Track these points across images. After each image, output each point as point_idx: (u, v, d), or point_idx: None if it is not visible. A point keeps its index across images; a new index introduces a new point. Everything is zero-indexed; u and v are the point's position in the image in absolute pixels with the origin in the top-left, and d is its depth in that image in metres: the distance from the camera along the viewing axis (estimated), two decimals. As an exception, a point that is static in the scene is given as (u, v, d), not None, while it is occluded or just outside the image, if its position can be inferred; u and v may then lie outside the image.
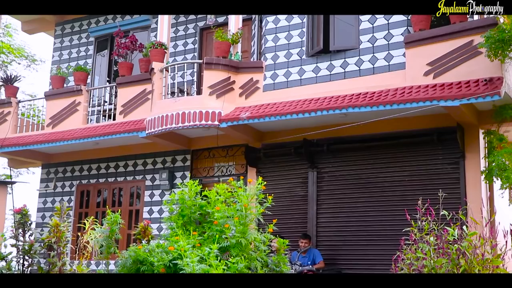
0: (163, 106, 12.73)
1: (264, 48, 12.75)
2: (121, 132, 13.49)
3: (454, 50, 10.47)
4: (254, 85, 12.56)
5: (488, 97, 9.51)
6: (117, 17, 16.31)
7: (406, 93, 10.48)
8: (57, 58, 17.21)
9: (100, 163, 15.35)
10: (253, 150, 12.87)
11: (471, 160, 10.78)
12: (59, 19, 17.26)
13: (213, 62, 12.46)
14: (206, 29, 14.80)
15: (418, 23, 10.90)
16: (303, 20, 12.38)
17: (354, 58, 11.66)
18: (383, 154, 11.61)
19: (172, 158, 14.31)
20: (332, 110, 10.93)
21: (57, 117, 15.15)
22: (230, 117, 12.01)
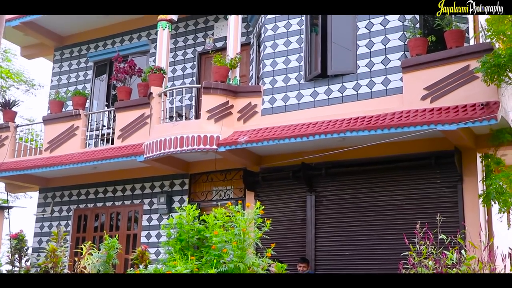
0: (161, 130, 12.76)
1: (262, 72, 12.82)
2: (119, 156, 13.49)
3: (451, 74, 10.55)
4: (252, 109, 12.60)
5: (485, 121, 9.57)
6: (116, 42, 16.42)
7: (403, 117, 10.53)
8: (56, 82, 17.28)
9: (98, 187, 15.32)
10: (251, 174, 12.88)
11: (469, 183, 10.79)
12: (58, 44, 17.37)
13: (211, 86, 12.52)
14: (205, 53, 14.91)
15: (415, 48, 10.99)
16: (301, 45, 12.47)
17: (352, 82, 11.73)
18: (381, 177, 11.62)
19: (170, 182, 14.30)
20: (330, 134, 10.97)
21: (55, 142, 15.16)
22: (228, 141, 12.04)
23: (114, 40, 16.54)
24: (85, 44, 17.06)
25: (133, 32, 16.23)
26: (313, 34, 12.50)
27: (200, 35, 15.11)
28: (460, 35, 10.85)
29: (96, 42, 16.86)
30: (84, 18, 16.17)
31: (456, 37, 10.80)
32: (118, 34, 16.45)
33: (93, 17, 16.10)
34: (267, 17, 12.97)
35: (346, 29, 11.98)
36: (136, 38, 16.16)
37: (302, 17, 12.57)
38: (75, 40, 17.23)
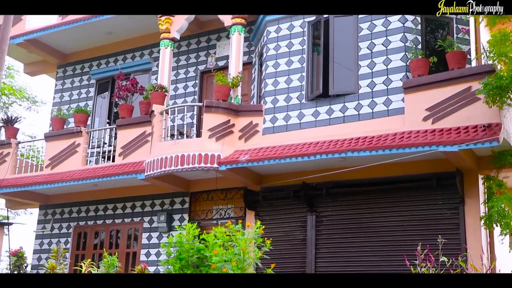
0: (162, 148, 12.75)
1: (264, 91, 12.84)
2: (120, 174, 13.48)
3: (452, 96, 10.55)
4: (254, 128, 12.60)
5: (487, 143, 9.55)
6: (119, 60, 16.48)
7: (405, 138, 10.51)
8: (58, 99, 17.32)
9: (98, 205, 15.29)
10: (252, 193, 12.84)
11: (470, 205, 10.74)
12: (61, 61, 17.45)
13: (213, 105, 12.53)
14: (207, 72, 14.95)
15: (416, 69, 11.01)
16: (303, 64, 12.50)
17: (353, 102, 11.73)
18: (382, 198, 11.58)
19: (170, 200, 14.26)
20: (331, 154, 10.95)
21: (56, 158, 15.15)
22: (229, 160, 12.02)
23: (116, 58, 16.59)
24: (87, 61, 17.13)
25: (136, 50, 16.30)
26: (315, 54, 12.54)
27: (202, 53, 15.16)
28: (462, 56, 10.88)
29: (98, 60, 16.93)
30: (87, 36, 16.26)
31: (458, 59, 10.83)
32: (121, 52, 16.51)
33: (96, 35, 16.19)
34: (269, 36, 13.02)
35: (348, 49, 12.02)
36: (138, 56, 16.22)
37: (304, 37, 12.62)
38: (78, 57, 17.31)
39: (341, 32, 12.13)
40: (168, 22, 14.13)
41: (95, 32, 16.04)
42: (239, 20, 13.24)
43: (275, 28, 13.02)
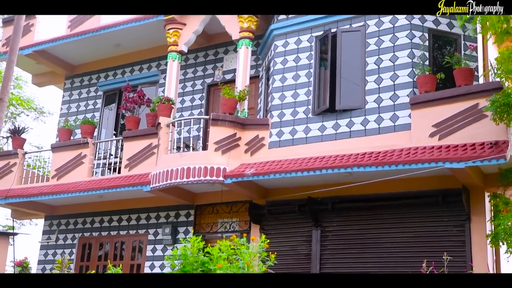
0: (168, 160, 12.76)
1: (271, 105, 12.85)
2: (125, 186, 13.48)
3: (459, 112, 10.53)
4: (260, 142, 12.60)
5: (494, 160, 9.51)
6: (126, 72, 16.54)
7: (411, 153, 10.49)
8: (65, 111, 17.39)
9: (103, 216, 15.29)
10: (257, 207, 12.82)
11: (476, 223, 10.68)
12: (69, 73, 17.53)
13: (219, 118, 12.54)
14: (214, 85, 14.98)
15: (423, 85, 11.00)
16: (310, 79, 12.51)
17: (360, 117, 11.73)
18: (388, 214, 11.53)
19: (175, 213, 14.25)
20: (337, 168, 10.93)
21: (63, 169, 15.18)
22: (235, 173, 12.01)
23: (124, 70, 16.66)
24: (95, 73, 17.20)
25: (143, 62, 16.36)
26: (322, 69, 12.55)
27: (209, 66, 15.21)
28: (469, 73, 10.87)
29: (106, 72, 17.00)
30: (95, 48, 16.35)
31: (465, 75, 10.82)
32: (128, 64, 16.58)
33: (104, 47, 16.28)
34: (276, 50, 13.05)
35: (355, 64, 12.03)
36: (146, 68, 16.28)
37: (311, 52, 12.64)
38: (86, 69, 17.38)
39: (349, 47, 12.15)
40: (176, 35, 14.20)
41: (103, 44, 16.12)
42: (247, 34, 13.30)
43: (283, 42, 13.05)
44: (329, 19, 12.51)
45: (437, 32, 11.83)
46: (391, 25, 11.87)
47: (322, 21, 12.59)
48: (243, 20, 13.30)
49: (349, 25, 12.32)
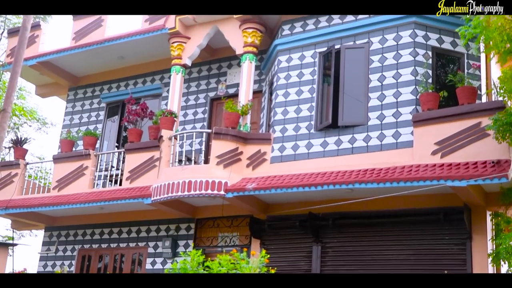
0: (170, 173, 12.76)
1: (273, 120, 12.86)
2: (126, 198, 13.47)
3: (462, 130, 10.53)
4: (262, 156, 12.60)
5: (496, 179, 9.50)
6: (130, 84, 16.59)
7: (413, 171, 10.48)
8: (68, 122, 17.42)
9: (103, 228, 15.26)
10: (257, 221, 12.79)
11: (478, 242, 10.65)
12: (73, 84, 17.59)
13: (222, 132, 12.55)
14: (217, 99, 15.01)
15: (426, 103, 11.01)
16: (313, 94, 12.53)
17: (362, 134, 11.73)
18: (389, 231, 11.50)
19: (176, 226, 14.22)
20: (338, 184, 10.91)
21: (64, 181, 15.17)
22: (236, 187, 12.00)
23: (127, 82, 16.71)
24: (98, 85, 17.25)
25: (147, 75, 16.41)
26: (325, 85, 12.58)
27: (213, 80, 15.25)
28: (472, 92, 10.89)
29: (109, 84, 17.05)
30: (99, 60, 16.42)
31: (468, 94, 10.83)
32: (132, 77, 16.64)
33: (108, 59, 16.34)
34: (280, 65, 13.09)
35: (358, 81, 12.05)
36: (149, 81, 16.33)
37: (315, 67, 12.68)
38: (89, 81, 17.44)
39: (352, 63, 12.18)
40: (180, 48, 14.26)
41: (107, 56, 16.19)
42: (251, 48, 13.35)
43: (286, 58, 13.09)
44: (333, 36, 12.56)
45: (440, 50, 11.86)
46: (395, 43, 11.90)
47: (326, 37, 12.64)
48: (247, 34, 13.36)
49: (352, 42, 12.36)
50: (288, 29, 13.26)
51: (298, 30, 13.12)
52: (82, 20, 16.56)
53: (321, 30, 12.78)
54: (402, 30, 11.89)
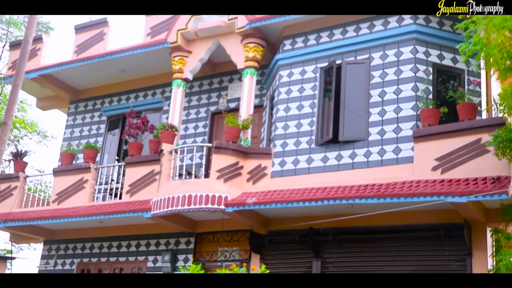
0: (170, 187, 12.75)
1: (274, 135, 12.88)
2: (126, 212, 13.45)
3: (462, 147, 10.55)
4: (262, 171, 12.60)
5: (496, 196, 9.50)
6: (131, 98, 16.62)
7: (413, 186, 10.48)
8: (69, 135, 17.43)
9: (103, 242, 15.22)
10: (257, 236, 12.76)
11: (478, 258, 10.62)
12: (74, 97, 17.62)
13: (222, 146, 12.56)
14: (217, 113, 15.04)
15: (427, 118, 11.04)
16: (314, 109, 12.56)
17: (363, 149, 11.74)
18: (389, 247, 11.47)
19: (176, 240, 14.18)
20: (339, 199, 10.91)
21: (64, 194, 15.16)
22: (236, 202, 11.99)
23: (128, 96, 16.75)
24: (100, 98, 17.29)
25: (148, 89, 16.45)
26: (326, 100, 12.61)
27: (214, 95, 15.28)
28: (473, 108, 10.91)
29: (110, 97, 17.08)
30: (101, 73, 16.47)
31: (468, 110, 10.86)
32: (133, 90, 16.68)
33: (109, 73, 16.39)
34: (281, 80, 13.13)
35: (359, 96, 12.08)
36: (150, 95, 16.37)
37: (316, 82, 12.71)
38: (90, 94, 17.48)
39: (353, 78, 12.22)
40: (181, 62, 14.31)
41: (108, 70, 16.24)
42: (252, 63, 13.40)
43: (288, 73, 13.13)
44: (334, 51, 12.62)
45: (441, 67, 11.90)
46: (396, 58, 11.95)
47: (327, 53, 12.70)
48: (249, 49, 13.42)
49: (353, 57, 12.41)
50: (289, 44, 13.32)
51: (299, 45, 13.17)
52: (84, 33, 16.64)
53: (322, 45, 12.83)
54: (403, 46, 11.94)
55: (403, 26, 12.03)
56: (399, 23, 12.09)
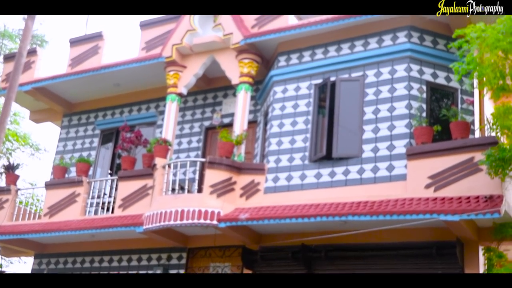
0: (162, 202, 12.71)
1: (268, 151, 12.88)
2: (118, 226, 13.39)
3: (455, 165, 10.58)
4: (255, 186, 12.59)
5: (488, 214, 9.52)
6: (125, 112, 16.60)
7: (406, 204, 10.49)
8: (62, 148, 17.37)
9: (94, 256, 15.12)
10: (250, 252, 12.72)
11: (470, 276, 10.62)
12: (67, 110, 17.59)
13: (216, 161, 12.55)
14: (211, 128, 15.04)
15: (420, 136, 11.07)
16: (308, 126, 12.58)
17: (356, 166, 11.76)
18: (381, 264, 11.45)
19: (167, 255, 14.10)
20: (332, 216, 10.90)
21: (55, 207, 15.07)
22: (229, 217, 11.96)
23: (122, 110, 16.73)
24: (93, 112, 17.26)
25: (142, 103, 16.45)
26: (320, 116, 12.64)
27: (208, 110, 15.29)
28: (466, 127, 10.96)
29: (104, 111, 17.06)
30: (95, 87, 16.46)
31: (461, 129, 10.91)
32: (127, 104, 16.66)
33: (103, 86, 16.39)
34: (275, 96, 13.16)
35: (353, 113, 12.12)
36: (144, 109, 16.36)
37: (310, 99, 12.75)
38: (84, 107, 17.45)
39: (347, 96, 12.26)
40: (176, 77, 14.32)
41: (103, 83, 16.24)
42: (247, 78, 13.44)
43: (282, 89, 13.17)
44: (328, 68, 12.68)
45: (435, 85, 11.97)
46: (390, 76, 12.01)
47: (322, 70, 12.75)
48: (244, 65, 13.46)
49: (348, 74, 12.46)
50: (284, 60, 13.37)
51: (294, 62, 13.22)
52: (79, 46, 16.65)
53: (317, 62, 12.89)
54: (397, 64, 12.01)
55: (398, 44, 12.11)
56: (393, 41, 12.17)
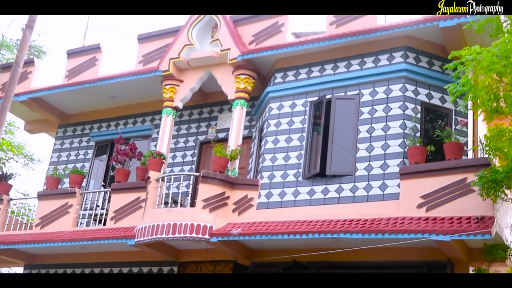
0: (155, 215, 12.70)
1: (261, 166, 12.91)
2: (110, 238, 13.34)
3: (447, 185, 10.62)
4: (248, 202, 12.60)
5: (479, 235, 9.54)
6: (120, 124, 16.61)
7: (398, 223, 10.51)
8: (56, 159, 17.35)
9: (84, 268, 15.03)
10: (241, 267, 12.69)
11: (460, 297, 10.62)
12: (62, 121, 17.58)
13: (209, 176, 12.56)
14: (206, 143, 15.06)
15: (414, 156, 11.12)
16: (302, 142, 12.63)
17: (349, 184, 11.79)
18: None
19: (158, 268, 14.05)
20: (324, 233, 10.91)
21: (47, 218, 15.01)
22: (221, 232, 11.96)
23: (118, 122, 16.74)
24: (88, 123, 17.26)
25: (138, 116, 16.47)
26: (314, 133, 12.69)
27: (203, 124, 15.33)
28: (459, 147, 11.02)
29: (99, 123, 17.07)
30: (91, 98, 16.48)
31: (455, 150, 10.97)
32: (122, 117, 16.68)
33: (99, 98, 16.41)
34: (271, 112, 13.21)
35: (348, 131, 12.17)
36: (139, 121, 16.38)
37: (305, 116, 12.80)
38: (79, 119, 17.45)
39: (342, 114, 12.32)
40: (172, 91, 14.37)
41: (98, 95, 16.26)
42: (243, 94, 13.50)
43: (277, 105, 13.22)
44: (324, 86, 12.75)
45: (429, 106, 12.05)
46: (385, 96, 12.08)
47: (318, 87, 12.82)
48: (240, 80, 13.52)
49: (343, 93, 12.54)
50: (280, 77, 13.44)
51: (290, 79, 13.30)
52: (76, 58, 16.69)
53: (313, 79, 12.97)
54: (393, 84, 12.09)
55: (393, 64, 12.20)
56: (389, 61, 12.27)
